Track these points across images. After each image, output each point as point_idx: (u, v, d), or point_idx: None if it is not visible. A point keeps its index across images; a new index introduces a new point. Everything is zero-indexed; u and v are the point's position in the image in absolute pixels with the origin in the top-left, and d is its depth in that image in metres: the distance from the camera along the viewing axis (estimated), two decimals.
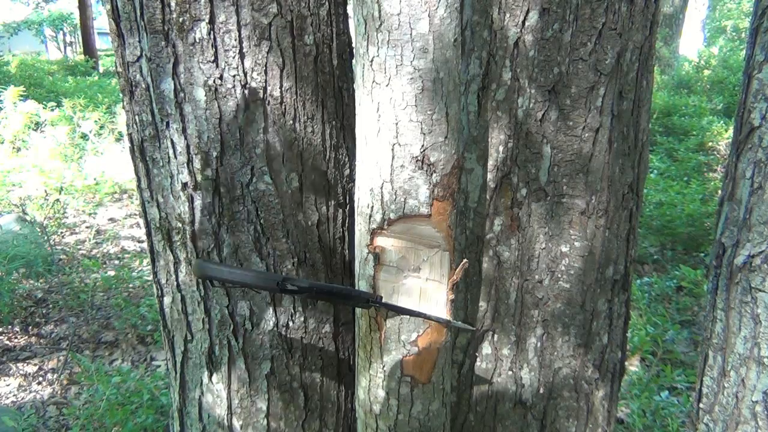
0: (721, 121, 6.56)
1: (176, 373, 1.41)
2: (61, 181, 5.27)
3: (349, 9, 1.22)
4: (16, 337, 3.42)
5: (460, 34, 1.02)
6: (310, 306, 1.33)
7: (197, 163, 1.20)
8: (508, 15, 1.28)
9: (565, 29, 1.24)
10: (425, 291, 1.09)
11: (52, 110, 7.18)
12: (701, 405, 1.19)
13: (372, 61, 1.00)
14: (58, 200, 5.04)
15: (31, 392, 2.94)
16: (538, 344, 1.40)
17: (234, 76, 1.16)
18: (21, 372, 3.09)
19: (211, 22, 1.13)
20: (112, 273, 4.04)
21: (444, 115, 1.01)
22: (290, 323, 1.32)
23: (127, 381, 2.62)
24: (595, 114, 1.28)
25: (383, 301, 1.09)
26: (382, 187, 1.05)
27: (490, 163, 1.36)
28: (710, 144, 6.19)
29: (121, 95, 1.28)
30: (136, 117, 1.23)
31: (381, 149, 1.03)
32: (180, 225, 1.25)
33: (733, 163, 1.14)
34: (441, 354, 1.16)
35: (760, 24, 1.09)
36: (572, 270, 1.35)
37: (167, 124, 1.19)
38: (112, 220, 5.31)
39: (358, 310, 1.18)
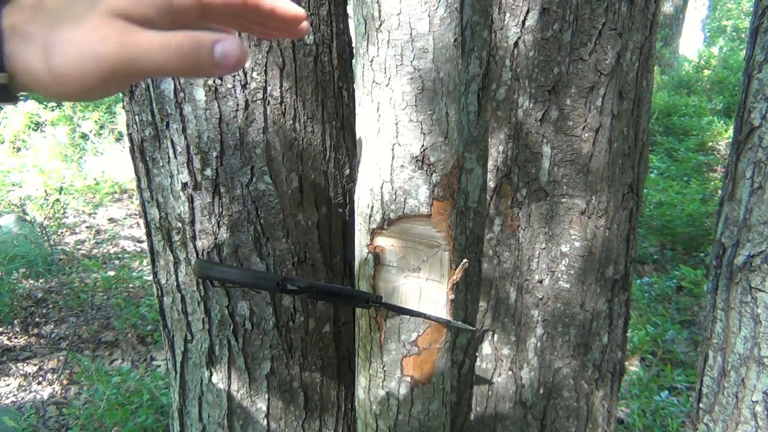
0: (721, 121, 6.55)
1: (176, 373, 1.41)
2: (61, 181, 5.27)
3: (349, 9, 1.22)
4: (16, 337, 3.42)
5: (460, 34, 1.02)
6: (310, 306, 1.33)
7: (197, 163, 1.20)
8: (508, 15, 1.28)
9: (565, 29, 1.24)
10: (425, 291, 1.09)
11: (53, 110, 7.17)
12: (701, 405, 1.19)
13: (372, 61, 1.00)
14: (58, 200, 5.04)
15: (31, 392, 2.93)
16: (538, 344, 1.40)
17: (234, 76, 1.16)
18: (21, 372, 3.09)
19: None
20: (112, 273, 4.04)
21: (444, 115, 1.01)
22: (290, 323, 1.32)
23: (127, 381, 2.62)
24: (595, 114, 1.28)
25: (383, 301, 1.09)
26: (382, 187, 1.05)
27: (490, 163, 1.36)
28: (710, 144, 6.19)
29: (121, 95, 1.28)
30: (136, 117, 1.23)
31: (381, 149, 1.03)
32: (180, 225, 1.25)
33: (733, 163, 1.14)
34: (441, 354, 1.16)
35: (760, 24, 1.09)
36: (572, 270, 1.35)
37: (167, 124, 1.19)
38: (112, 220, 5.31)
39: (358, 310, 1.18)
